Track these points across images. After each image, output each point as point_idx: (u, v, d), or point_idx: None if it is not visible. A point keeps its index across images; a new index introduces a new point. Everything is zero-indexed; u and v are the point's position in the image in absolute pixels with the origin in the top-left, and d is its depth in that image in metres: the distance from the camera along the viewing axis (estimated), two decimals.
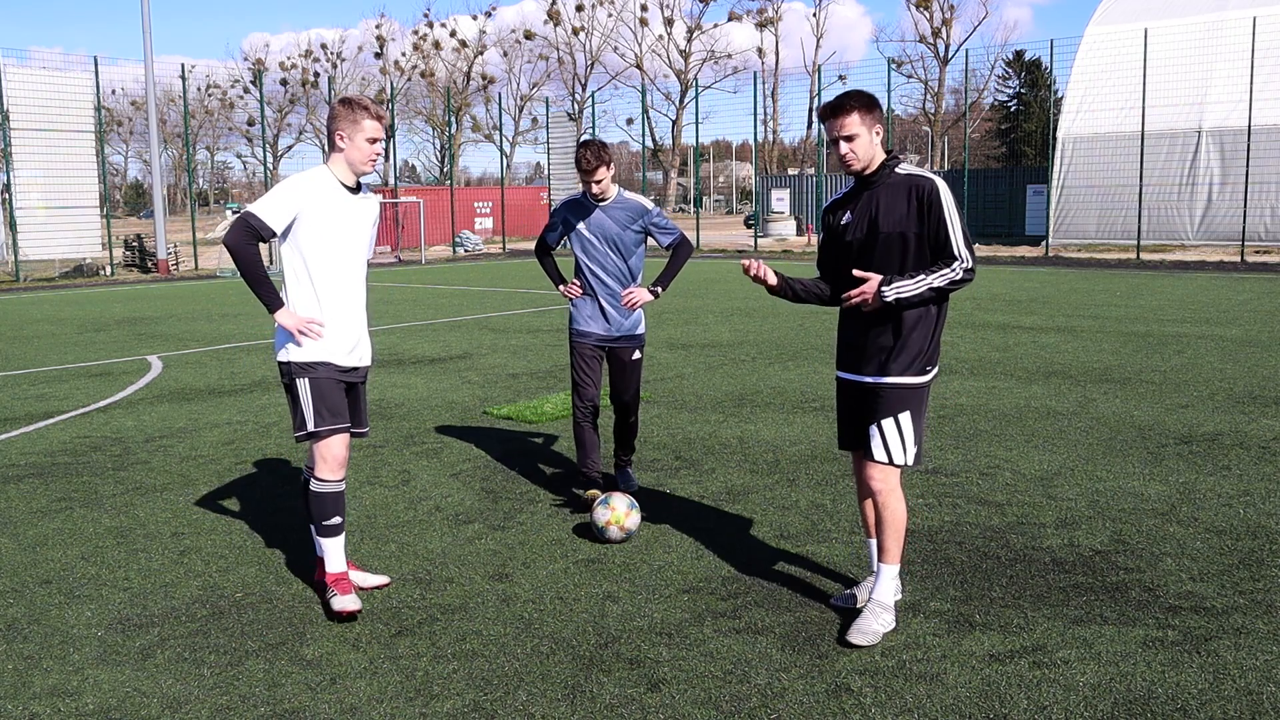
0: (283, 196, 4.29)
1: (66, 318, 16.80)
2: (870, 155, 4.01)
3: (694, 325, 14.18)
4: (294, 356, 4.38)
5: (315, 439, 4.40)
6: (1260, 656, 3.82)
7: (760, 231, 38.14)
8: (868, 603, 4.13)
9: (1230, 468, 6.39)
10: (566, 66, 76.26)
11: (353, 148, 4.33)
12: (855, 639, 3.97)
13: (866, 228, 4.03)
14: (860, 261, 4.06)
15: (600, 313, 5.85)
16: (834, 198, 4.28)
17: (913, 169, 4.04)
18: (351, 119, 4.31)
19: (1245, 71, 27.38)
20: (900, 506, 4.10)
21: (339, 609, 4.30)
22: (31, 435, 7.92)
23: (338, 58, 79.31)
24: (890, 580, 4.13)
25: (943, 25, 66.43)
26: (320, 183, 4.35)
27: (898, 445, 4.04)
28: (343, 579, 4.43)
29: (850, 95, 3.98)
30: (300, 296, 4.39)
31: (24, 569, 4.99)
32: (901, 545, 4.13)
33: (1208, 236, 29.35)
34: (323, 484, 4.45)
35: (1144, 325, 13.42)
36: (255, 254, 4.27)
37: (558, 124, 39.45)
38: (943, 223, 3.92)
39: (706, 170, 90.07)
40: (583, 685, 3.71)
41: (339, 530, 4.48)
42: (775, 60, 76.68)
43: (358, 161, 4.36)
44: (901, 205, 3.96)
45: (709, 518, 5.62)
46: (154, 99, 29.07)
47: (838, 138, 3.97)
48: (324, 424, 4.38)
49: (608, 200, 5.79)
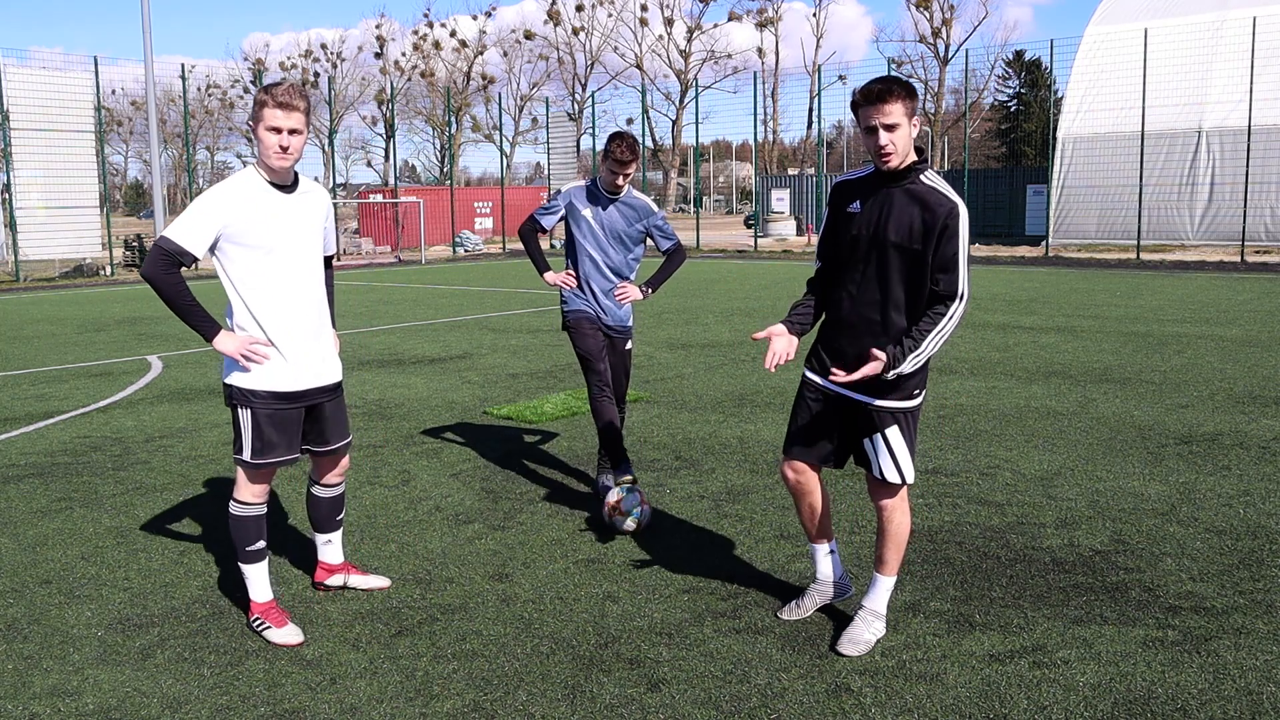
0: (200, 214, 3.89)
1: (66, 318, 16.80)
2: (907, 150, 3.68)
3: (694, 325, 14.18)
4: (236, 382, 4.04)
5: (245, 466, 4.13)
6: (1260, 656, 3.82)
7: (760, 231, 38.13)
8: (859, 611, 4.06)
9: (1230, 468, 6.39)
10: (566, 66, 76.28)
11: (259, 140, 3.89)
12: (846, 649, 3.91)
13: (871, 228, 3.75)
14: (858, 265, 3.82)
15: (594, 301, 5.86)
16: (846, 176, 3.94)
17: (938, 183, 3.74)
18: (256, 108, 3.90)
19: (1245, 71, 27.38)
20: (906, 521, 4.02)
21: (280, 643, 4.08)
22: (31, 435, 7.92)
23: (338, 58, 79.33)
24: (886, 591, 4.07)
25: (943, 25, 66.42)
26: (244, 188, 3.96)
27: (907, 463, 3.91)
28: (272, 609, 4.21)
29: (895, 80, 3.62)
30: (240, 317, 4.03)
31: (24, 569, 4.98)
32: (901, 557, 4.06)
33: (1208, 236, 29.34)
34: (243, 507, 4.17)
35: (1144, 325, 13.42)
36: (176, 282, 3.87)
37: (558, 124, 39.46)
38: (955, 254, 3.65)
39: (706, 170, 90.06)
40: (583, 685, 3.71)
41: (263, 555, 4.24)
42: (775, 60, 76.71)
43: (265, 156, 3.92)
44: (915, 218, 3.67)
45: (709, 518, 5.62)
46: (154, 99, 29.07)
47: (877, 125, 3.60)
48: (259, 458, 4.08)
49: (619, 195, 5.81)
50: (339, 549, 4.67)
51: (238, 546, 4.22)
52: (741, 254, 32.98)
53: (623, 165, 5.61)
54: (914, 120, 3.68)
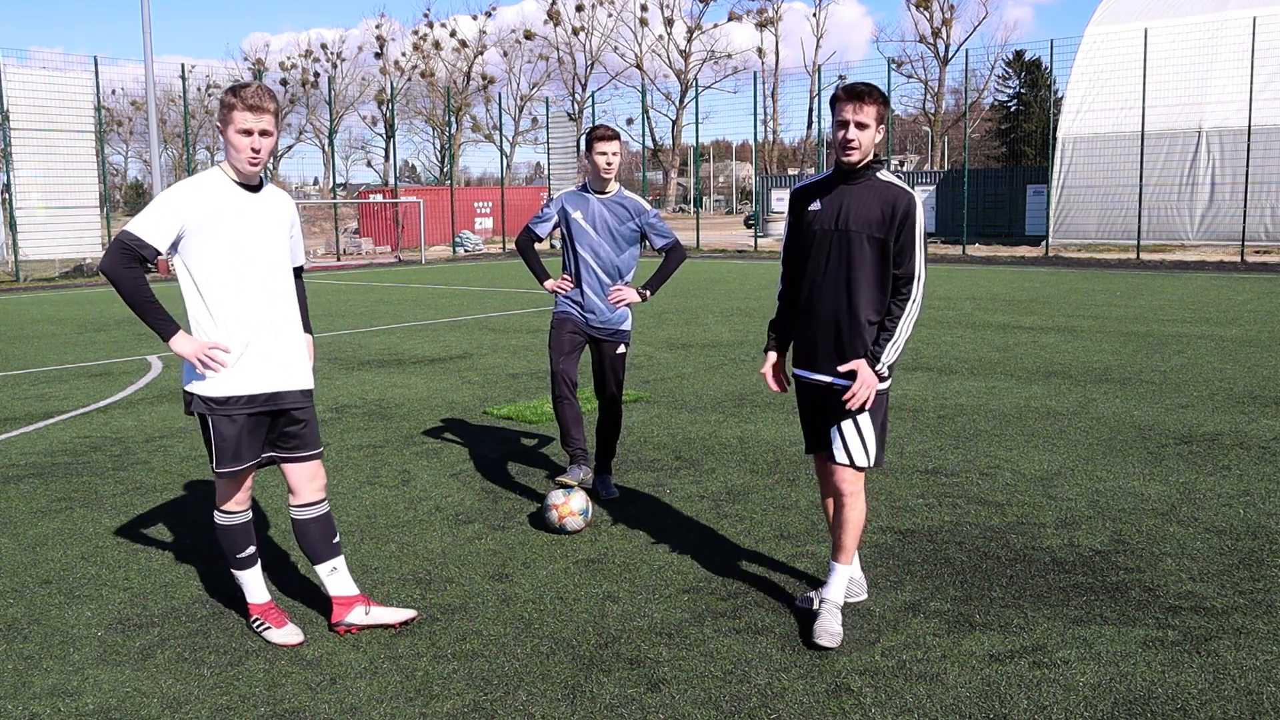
0: (163, 209, 3.79)
1: (66, 318, 16.80)
2: (869, 151, 4.01)
3: (694, 325, 14.18)
4: (198, 390, 3.91)
5: (219, 476, 4.07)
6: (1260, 656, 3.82)
7: (760, 231, 38.12)
8: (822, 603, 4.12)
9: (1230, 468, 6.39)
10: (566, 66, 76.30)
11: (228, 143, 3.81)
12: (823, 641, 3.96)
13: (834, 222, 4.04)
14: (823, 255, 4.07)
15: (585, 299, 5.86)
16: (802, 184, 4.25)
17: (892, 178, 4.08)
18: (224, 111, 3.80)
19: (1245, 71, 27.38)
20: (862, 508, 4.15)
21: (280, 643, 4.07)
22: (31, 435, 7.92)
23: (338, 58, 79.35)
24: (844, 581, 4.17)
25: (943, 25, 66.43)
26: (209, 186, 3.87)
27: (858, 447, 4.06)
28: (270, 609, 4.17)
29: (874, 88, 3.99)
30: (199, 319, 3.92)
31: (24, 569, 4.99)
32: (856, 545, 4.19)
33: (1208, 236, 29.36)
34: (227, 516, 4.13)
35: (1144, 325, 13.42)
36: (136, 277, 3.79)
37: (558, 124, 39.44)
38: (911, 240, 3.97)
39: (706, 170, 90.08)
40: (583, 685, 3.71)
41: (254, 560, 4.20)
42: (775, 60, 76.71)
43: (235, 159, 3.85)
44: (875, 210, 3.98)
45: (709, 518, 5.62)
46: (154, 99, 29.07)
47: (849, 121, 3.93)
48: (228, 467, 3.98)
49: (609, 194, 5.84)
50: (347, 577, 4.23)
51: (228, 555, 4.18)
52: (741, 254, 32.98)
53: (605, 140, 5.68)
54: (880, 128, 4.01)
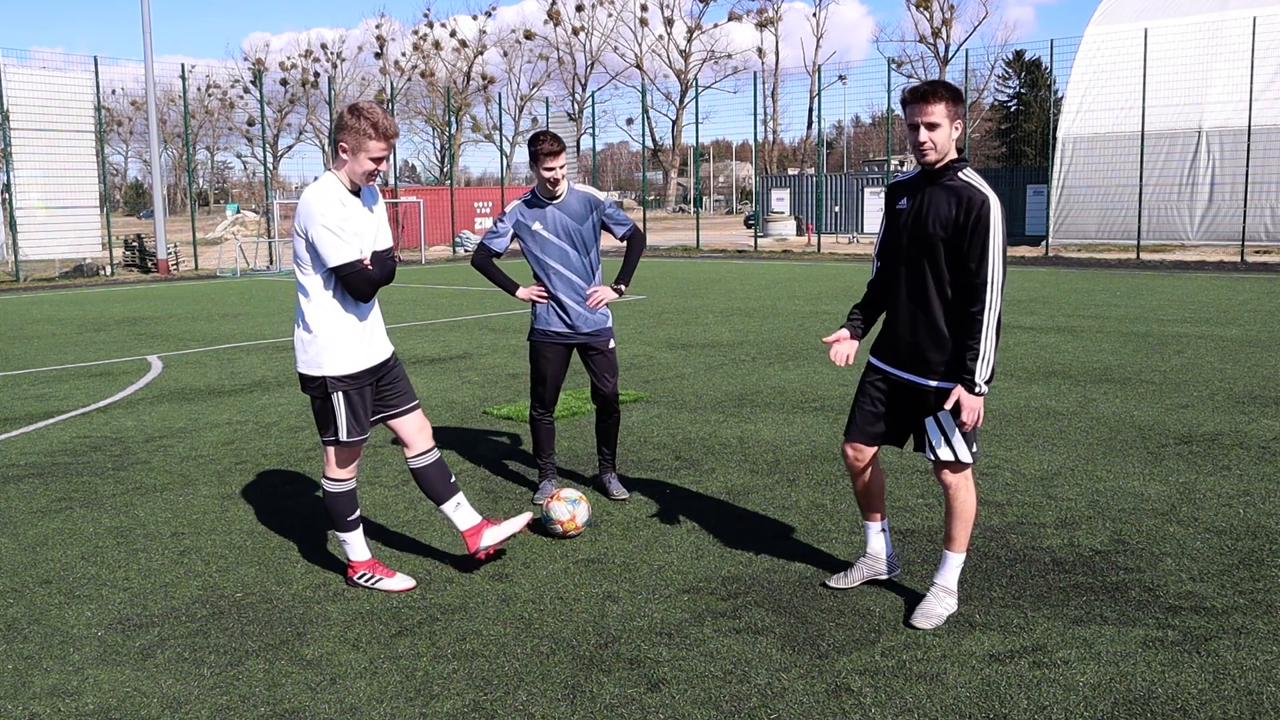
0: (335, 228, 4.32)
1: (66, 318, 16.80)
2: (946, 149, 3.97)
3: (694, 325, 14.18)
4: (331, 370, 4.44)
5: (339, 446, 4.55)
6: (1260, 656, 3.82)
7: (760, 231, 38.13)
8: (931, 587, 4.26)
9: (1230, 468, 6.39)
10: (566, 66, 76.34)
11: (355, 164, 4.33)
12: (920, 622, 4.10)
13: (914, 222, 4.05)
14: (903, 252, 4.09)
15: (566, 313, 5.78)
16: (898, 178, 4.28)
17: (974, 178, 4.01)
18: (357, 138, 4.28)
19: (1245, 71, 27.38)
20: (967, 499, 4.21)
21: (396, 589, 4.60)
22: (31, 435, 7.92)
23: (338, 58, 79.36)
24: (956, 568, 4.26)
25: (943, 25, 66.46)
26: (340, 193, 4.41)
27: (963, 446, 4.12)
28: (376, 565, 4.69)
29: (941, 84, 3.96)
30: (320, 304, 4.44)
31: (24, 569, 4.99)
32: (968, 535, 4.26)
33: (1208, 236, 29.35)
34: (338, 484, 4.62)
35: (1144, 325, 13.42)
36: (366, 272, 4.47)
37: (558, 124, 39.47)
38: (984, 244, 3.91)
39: (706, 170, 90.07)
40: (583, 685, 3.71)
41: (358, 523, 4.70)
42: (775, 60, 76.77)
43: (357, 178, 4.40)
44: (949, 210, 3.95)
45: (709, 518, 5.62)
46: (154, 99, 29.07)
47: (919, 123, 3.92)
48: (357, 436, 4.53)
49: (560, 196, 5.71)
50: (469, 509, 4.79)
51: (336, 519, 4.66)
52: (741, 254, 32.98)
53: (550, 155, 5.54)
54: (956, 123, 3.96)
